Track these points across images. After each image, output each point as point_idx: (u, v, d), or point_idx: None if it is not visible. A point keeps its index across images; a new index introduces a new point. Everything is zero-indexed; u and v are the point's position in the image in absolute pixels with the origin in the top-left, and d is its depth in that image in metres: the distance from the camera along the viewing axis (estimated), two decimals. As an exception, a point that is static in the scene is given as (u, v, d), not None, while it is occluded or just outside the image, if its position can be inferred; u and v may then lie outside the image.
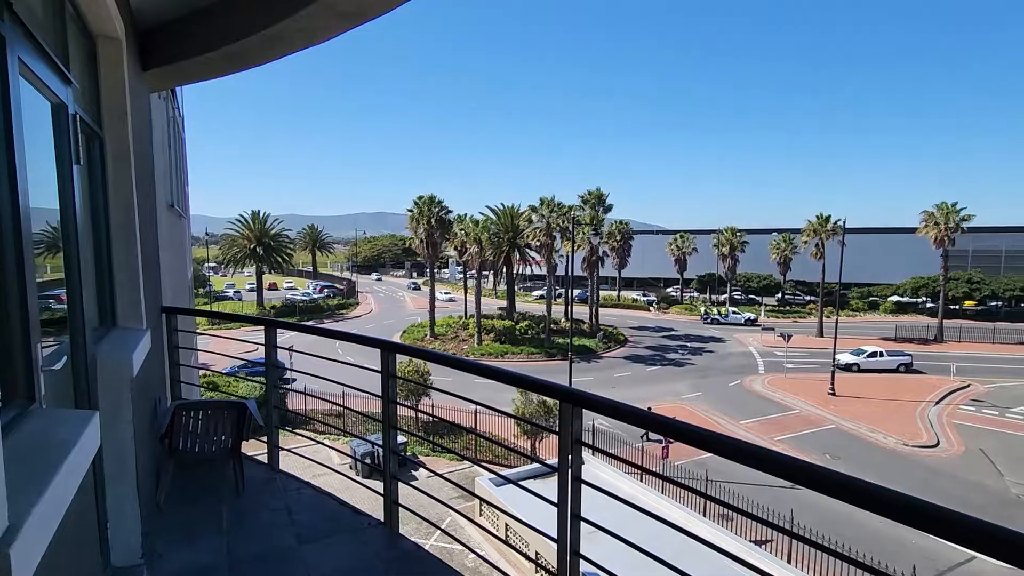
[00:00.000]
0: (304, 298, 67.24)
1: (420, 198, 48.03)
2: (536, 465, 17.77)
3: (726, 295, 69.29)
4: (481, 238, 45.78)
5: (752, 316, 59.35)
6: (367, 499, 4.32)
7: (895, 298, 64.25)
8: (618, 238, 62.82)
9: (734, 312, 61.02)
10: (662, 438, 22.47)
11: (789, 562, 14.28)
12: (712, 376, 38.51)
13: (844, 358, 39.00)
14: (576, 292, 74.84)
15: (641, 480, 16.92)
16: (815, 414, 30.14)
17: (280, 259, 62.69)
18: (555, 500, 2.51)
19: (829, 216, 51.86)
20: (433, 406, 26.30)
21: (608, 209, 53.64)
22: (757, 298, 71.61)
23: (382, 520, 3.92)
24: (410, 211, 48.55)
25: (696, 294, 77.78)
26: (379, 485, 3.90)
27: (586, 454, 17.82)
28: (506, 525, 14.80)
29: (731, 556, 2.02)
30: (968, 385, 34.79)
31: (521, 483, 3.03)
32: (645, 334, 54.83)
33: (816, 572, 13.88)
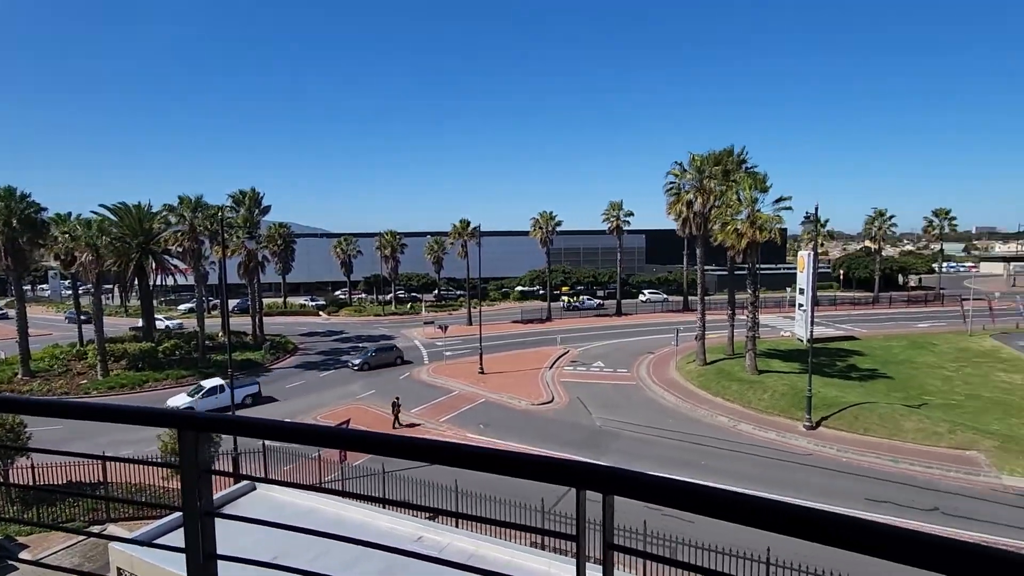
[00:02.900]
0: None
1: (-12, 191, 35.29)
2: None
3: (391, 295, 73.30)
4: (98, 243, 36.64)
5: (600, 301, 70.22)
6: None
7: (520, 288, 79.71)
8: (279, 242, 59.28)
9: (587, 299, 71.12)
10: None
11: (458, 527, 16.51)
12: (384, 372, 40.51)
13: (177, 400, 31.49)
14: (235, 301, 67.44)
15: (321, 488, 16.76)
16: (470, 392, 35.13)
17: None
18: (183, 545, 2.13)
19: (469, 222, 60.51)
20: (34, 466, 20.14)
21: (265, 211, 50.11)
22: (419, 295, 78.11)
23: None
24: (-30, 208, 35.13)
25: (364, 295, 79.80)
26: None
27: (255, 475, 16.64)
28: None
29: (396, 551, 2.22)
30: (568, 351, 46.15)
31: (162, 537, 2.70)
32: (316, 339, 53.53)
33: (472, 527, 16.49)
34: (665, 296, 73.89)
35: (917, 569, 0.92)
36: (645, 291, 76.05)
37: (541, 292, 72.65)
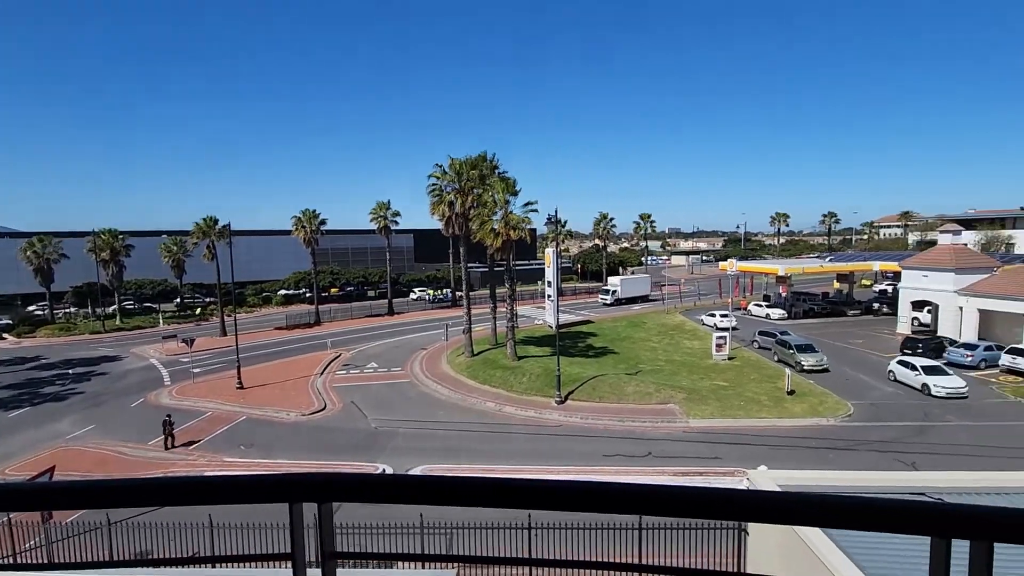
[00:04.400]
0: None
1: None
2: None
3: (115, 306, 60.57)
4: None
5: (460, 293, 64.34)
6: None
7: (283, 291, 73.72)
8: (-74, 244, 44.14)
9: (449, 292, 71.75)
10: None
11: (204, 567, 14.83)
12: (108, 402, 33.52)
13: None
14: None
15: (15, 565, 13.43)
16: (227, 411, 31.40)
17: None
18: None
19: (216, 219, 53.41)
20: None
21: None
22: (154, 305, 66.23)
23: None
24: None
25: (74, 309, 64.29)
26: None
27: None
28: None
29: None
30: (340, 355, 44.57)
31: None
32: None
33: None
34: (435, 293, 76.51)
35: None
36: (416, 290, 77.58)
37: (308, 295, 68.34)
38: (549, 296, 38.29)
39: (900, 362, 33.14)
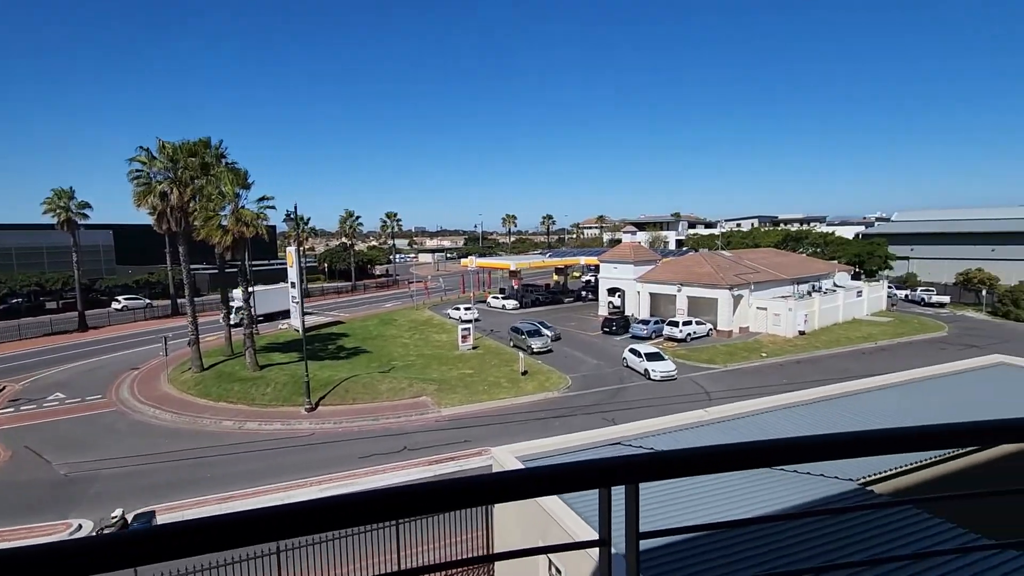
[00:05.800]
0: None
1: None
2: None
3: None
4: None
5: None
6: None
7: None
8: None
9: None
10: None
11: None
12: None
13: None
14: None
15: None
16: None
17: None
18: None
19: None
20: None
21: None
22: None
23: None
24: None
25: None
26: None
27: None
28: None
29: None
30: (3, 388, 34.03)
31: None
32: None
33: None
34: (148, 301, 64.10)
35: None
36: (120, 297, 63.70)
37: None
38: (293, 297, 35.84)
39: (631, 350, 36.39)
